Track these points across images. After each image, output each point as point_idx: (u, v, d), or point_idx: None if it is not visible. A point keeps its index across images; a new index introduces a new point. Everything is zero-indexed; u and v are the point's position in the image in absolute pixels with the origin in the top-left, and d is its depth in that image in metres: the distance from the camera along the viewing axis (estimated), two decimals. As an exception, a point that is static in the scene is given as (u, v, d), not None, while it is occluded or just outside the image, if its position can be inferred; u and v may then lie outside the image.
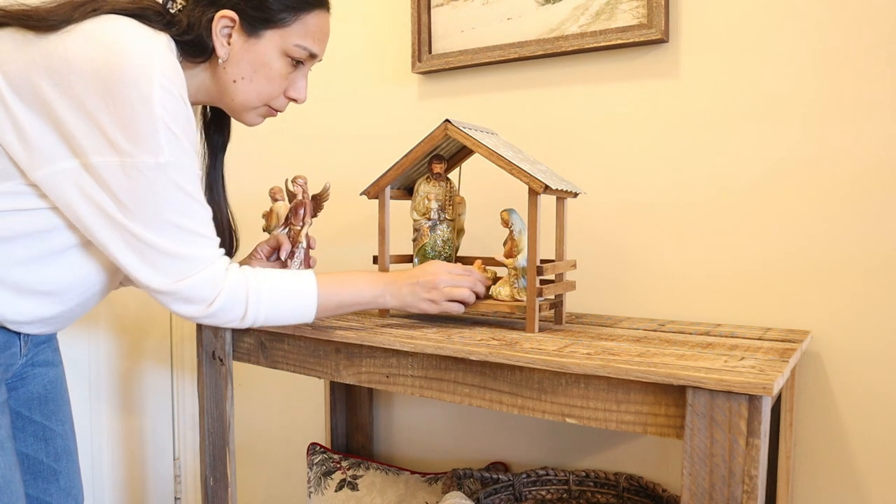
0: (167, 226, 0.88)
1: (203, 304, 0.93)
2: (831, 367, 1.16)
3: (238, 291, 0.96)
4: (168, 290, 0.91)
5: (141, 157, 0.84)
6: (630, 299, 1.33)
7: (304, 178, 1.20)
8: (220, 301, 0.94)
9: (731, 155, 1.23)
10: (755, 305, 1.21)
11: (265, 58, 0.98)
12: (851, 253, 1.14)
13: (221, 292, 0.94)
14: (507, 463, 1.49)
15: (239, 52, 0.97)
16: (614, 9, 1.29)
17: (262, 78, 1.00)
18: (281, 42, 0.98)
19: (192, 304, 0.93)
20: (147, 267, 0.90)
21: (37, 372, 1.09)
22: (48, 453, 1.10)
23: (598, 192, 1.35)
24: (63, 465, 1.12)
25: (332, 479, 1.56)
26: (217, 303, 0.94)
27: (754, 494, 0.74)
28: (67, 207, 0.88)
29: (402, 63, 1.57)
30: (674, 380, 0.78)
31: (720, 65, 1.23)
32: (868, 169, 1.12)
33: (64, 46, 0.83)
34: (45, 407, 1.10)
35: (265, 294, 0.98)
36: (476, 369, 0.96)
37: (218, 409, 1.26)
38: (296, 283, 1.00)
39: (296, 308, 1.00)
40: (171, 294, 0.92)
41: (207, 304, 0.94)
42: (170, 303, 0.93)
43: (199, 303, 0.93)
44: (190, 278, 0.91)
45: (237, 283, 0.95)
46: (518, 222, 1.11)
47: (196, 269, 0.91)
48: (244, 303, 0.96)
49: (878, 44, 1.10)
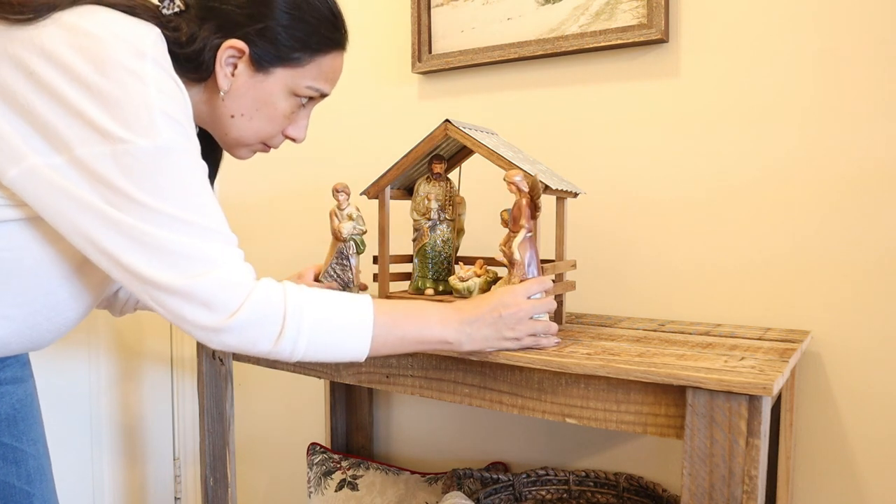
0: (171, 220, 0.73)
1: (224, 311, 0.75)
2: (831, 367, 1.16)
3: (273, 304, 0.77)
4: (180, 288, 0.73)
5: (135, 142, 0.71)
6: (630, 299, 1.33)
7: (521, 174, 0.97)
8: (248, 311, 0.75)
9: (730, 155, 1.23)
10: (755, 305, 1.21)
11: (271, 97, 0.89)
12: (852, 253, 1.14)
13: (249, 299, 0.76)
14: (507, 463, 1.49)
15: (243, 86, 0.87)
16: (614, 9, 1.29)
17: (264, 117, 0.90)
18: (291, 81, 0.88)
19: (211, 309, 0.75)
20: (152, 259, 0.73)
21: (2, 391, 0.96)
22: (20, 476, 0.99)
23: (598, 192, 1.35)
24: (37, 487, 1.01)
25: (332, 479, 1.56)
26: (243, 313, 0.75)
27: (754, 494, 0.74)
28: (46, 209, 0.75)
29: (402, 63, 1.57)
30: (674, 380, 0.78)
31: (720, 65, 1.23)
32: (868, 169, 1.12)
33: (41, 37, 0.72)
34: (13, 428, 0.98)
35: (309, 314, 0.79)
36: (476, 369, 0.96)
37: (218, 409, 1.26)
38: (350, 305, 0.82)
39: (348, 337, 0.82)
40: (185, 294, 0.74)
41: (230, 313, 0.75)
42: (181, 307, 0.75)
43: (219, 309, 0.75)
44: (207, 275, 0.74)
45: (272, 294, 0.78)
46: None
47: (211, 266, 0.74)
48: (280, 320, 0.77)
49: (878, 43, 1.10)
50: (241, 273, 0.77)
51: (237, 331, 0.76)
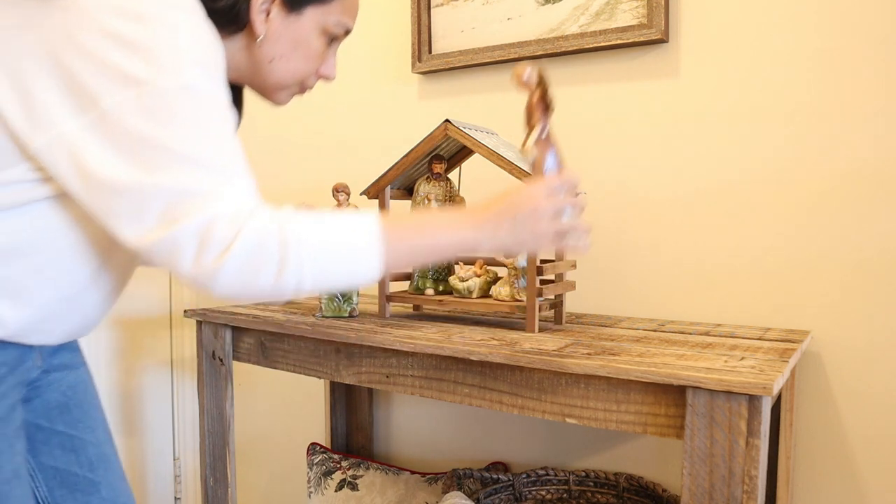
0: (183, 161, 0.71)
1: (216, 248, 0.71)
2: (831, 367, 1.16)
3: (268, 234, 0.73)
4: (167, 235, 0.71)
5: (160, 81, 0.70)
6: (630, 299, 1.33)
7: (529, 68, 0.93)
8: (240, 247, 0.71)
9: (730, 155, 1.23)
10: (755, 305, 1.21)
11: (305, 36, 0.91)
12: (852, 253, 1.14)
13: (241, 234, 0.71)
14: (507, 463, 1.49)
15: (278, 29, 0.89)
16: (614, 9, 1.29)
17: (300, 57, 0.92)
18: (322, 19, 0.91)
19: (205, 250, 0.71)
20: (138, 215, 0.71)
21: (52, 378, 0.98)
22: (81, 464, 1.00)
23: (598, 191, 1.35)
24: (101, 474, 1.01)
25: (332, 479, 1.56)
26: (236, 248, 0.71)
27: (754, 494, 0.74)
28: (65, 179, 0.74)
29: (402, 63, 1.57)
30: (674, 380, 0.78)
31: (720, 65, 1.23)
32: (868, 168, 1.12)
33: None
34: (67, 415, 0.99)
35: (307, 237, 0.75)
36: (476, 369, 0.96)
37: (218, 409, 1.26)
38: (353, 223, 0.78)
39: (353, 257, 0.77)
40: (176, 240, 0.71)
41: (222, 250, 0.71)
42: (173, 253, 0.71)
43: (211, 247, 0.71)
44: (197, 214, 0.71)
45: (266, 225, 0.73)
46: (518, 222, 1.10)
47: (203, 204, 0.71)
48: (278, 250, 0.73)
49: (878, 42, 1.10)
50: (234, 209, 0.73)
51: (234, 270, 0.72)
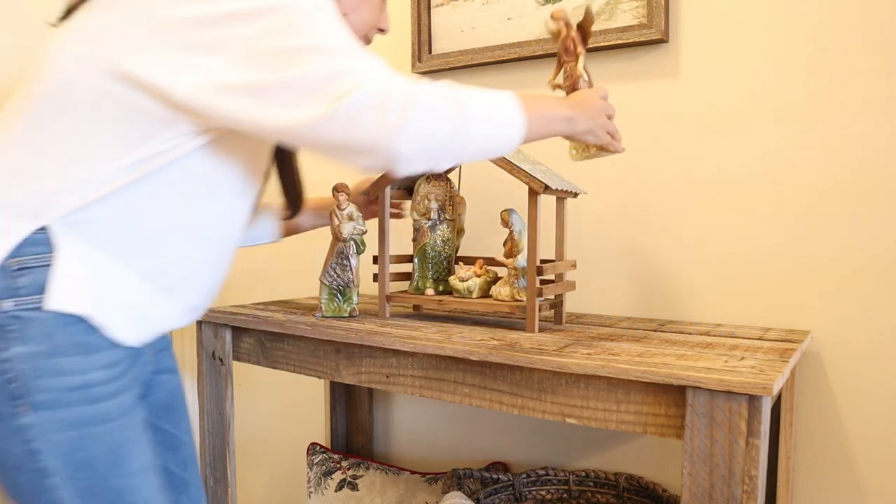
0: (336, 52, 0.76)
1: (397, 105, 0.75)
2: (831, 367, 1.16)
3: (439, 91, 0.79)
4: (342, 106, 0.74)
5: (288, 6, 0.76)
6: (630, 299, 1.33)
7: (563, 12, 1.07)
8: (421, 102, 0.76)
9: (730, 155, 1.23)
10: (755, 305, 1.21)
11: None
12: (852, 253, 1.14)
13: (416, 93, 0.76)
14: (507, 463, 1.49)
15: None
16: (614, 9, 1.29)
17: (367, 8, 1.01)
18: None
19: (387, 109, 0.75)
20: (306, 98, 0.75)
21: (162, 379, 1.04)
22: (177, 463, 1.05)
23: (598, 191, 1.35)
24: (190, 474, 1.07)
25: (332, 479, 1.56)
26: (419, 104, 0.76)
27: (754, 494, 0.74)
28: (218, 114, 0.78)
29: (402, 63, 1.57)
30: (674, 380, 0.78)
31: (720, 65, 1.23)
32: (868, 168, 1.12)
33: None
34: (171, 415, 1.05)
35: (471, 97, 0.81)
36: (476, 369, 0.96)
37: (218, 409, 1.26)
38: (497, 96, 0.85)
39: (506, 121, 0.84)
40: (354, 106, 0.74)
41: (404, 106, 0.75)
42: (353, 120, 0.75)
43: (392, 106, 0.75)
44: (368, 83, 0.75)
45: (433, 86, 0.79)
46: (518, 222, 1.11)
47: (377, 74, 0.76)
48: (451, 106, 0.79)
49: (878, 41, 1.10)
50: (396, 78, 0.78)
51: (417, 123, 0.76)
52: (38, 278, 0.79)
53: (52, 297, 0.79)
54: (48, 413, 0.79)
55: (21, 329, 0.79)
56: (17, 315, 0.79)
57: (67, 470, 0.80)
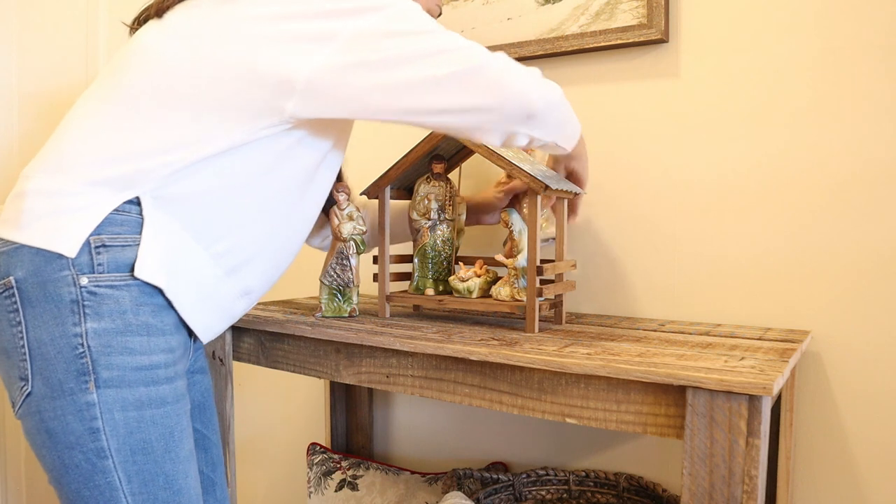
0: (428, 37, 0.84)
1: (532, 78, 0.88)
2: (831, 367, 1.16)
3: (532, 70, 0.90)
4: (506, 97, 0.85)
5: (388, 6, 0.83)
6: (630, 299, 1.33)
7: None
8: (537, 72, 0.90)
9: (730, 155, 1.23)
10: (755, 305, 1.21)
11: None
12: (852, 253, 1.14)
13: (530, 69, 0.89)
14: (507, 463, 1.49)
15: None
16: (614, 9, 1.29)
17: None
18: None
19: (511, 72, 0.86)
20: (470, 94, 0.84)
21: (196, 379, 1.06)
22: (206, 463, 1.07)
23: (598, 192, 1.35)
24: (219, 475, 1.09)
25: (332, 479, 1.56)
26: (536, 72, 0.89)
27: (754, 494, 0.74)
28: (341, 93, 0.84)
29: (402, 63, 1.57)
30: (674, 380, 0.78)
31: (720, 65, 1.23)
32: (868, 168, 1.12)
33: None
34: (202, 415, 1.07)
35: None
36: (476, 369, 0.96)
37: (218, 409, 1.26)
38: None
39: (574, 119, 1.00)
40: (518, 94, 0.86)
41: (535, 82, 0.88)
42: (523, 104, 0.86)
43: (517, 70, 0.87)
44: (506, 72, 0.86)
45: None
46: (518, 222, 1.11)
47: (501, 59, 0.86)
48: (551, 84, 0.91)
49: (878, 42, 1.10)
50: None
51: (543, 84, 0.89)
52: (116, 256, 0.82)
53: (138, 265, 0.82)
54: (112, 391, 0.80)
55: (96, 305, 0.80)
56: (94, 291, 0.81)
57: (125, 452, 0.81)
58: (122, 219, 0.83)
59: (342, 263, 1.18)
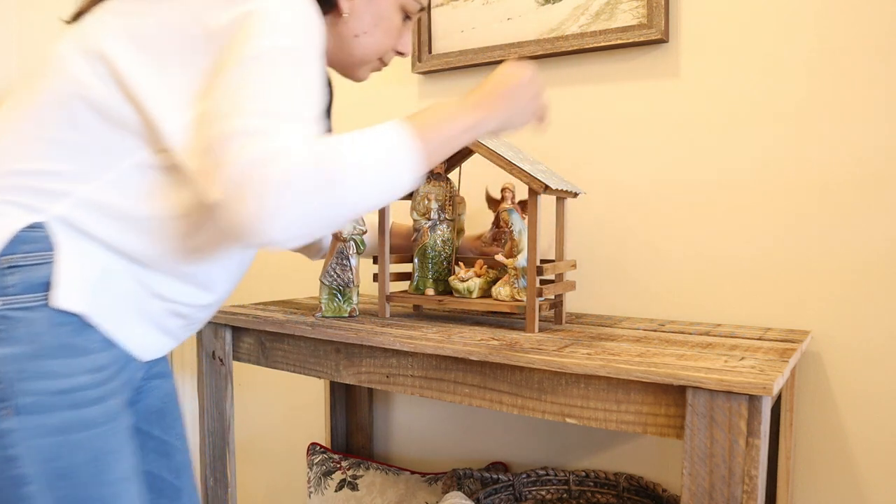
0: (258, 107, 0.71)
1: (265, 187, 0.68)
2: (831, 367, 1.16)
3: (310, 161, 0.70)
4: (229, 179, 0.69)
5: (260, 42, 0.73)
6: (630, 299, 1.33)
7: None
8: (283, 173, 0.68)
9: (730, 155, 1.23)
10: (755, 305, 1.21)
11: (386, 11, 0.99)
12: (852, 253, 1.14)
13: (276, 163, 0.69)
14: (507, 463, 1.49)
15: (361, 6, 0.96)
16: (614, 9, 1.29)
17: (381, 32, 1.00)
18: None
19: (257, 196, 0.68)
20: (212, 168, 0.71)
21: (153, 384, 1.02)
22: (170, 470, 1.03)
23: (598, 192, 1.35)
24: (184, 481, 1.05)
25: (332, 479, 1.56)
26: (277, 177, 0.68)
27: (754, 494, 0.74)
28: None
29: (403, 63, 1.57)
30: (674, 380, 0.78)
31: (720, 65, 1.23)
32: (868, 168, 1.12)
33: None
34: (162, 421, 1.03)
35: (347, 155, 0.74)
36: (476, 369, 0.96)
37: (218, 409, 1.26)
38: (383, 134, 0.79)
39: (395, 165, 0.78)
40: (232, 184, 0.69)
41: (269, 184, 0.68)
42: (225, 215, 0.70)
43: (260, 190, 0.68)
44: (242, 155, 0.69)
45: (304, 154, 0.71)
46: (518, 222, 1.11)
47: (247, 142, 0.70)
48: (324, 174, 0.71)
49: (878, 41, 1.10)
50: (275, 145, 0.70)
51: (289, 198, 0.69)
52: (27, 277, 0.77)
53: (54, 294, 0.76)
54: (31, 418, 0.76)
55: (9, 329, 0.76)
56: (5, 315, 0.76)
57: (47, 478, 0.76)
58: (33, 235, 0.77)
59: (342, 263, 1.19)
